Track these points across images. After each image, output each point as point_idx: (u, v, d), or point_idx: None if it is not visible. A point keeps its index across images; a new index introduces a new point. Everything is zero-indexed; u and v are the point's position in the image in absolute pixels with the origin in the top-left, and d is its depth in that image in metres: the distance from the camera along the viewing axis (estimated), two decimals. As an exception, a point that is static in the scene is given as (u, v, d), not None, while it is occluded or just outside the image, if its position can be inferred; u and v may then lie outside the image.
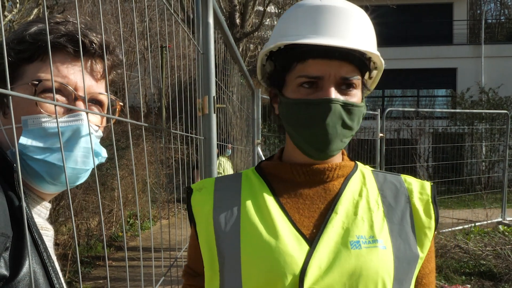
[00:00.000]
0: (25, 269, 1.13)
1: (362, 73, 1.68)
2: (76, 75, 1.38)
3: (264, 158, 2.15)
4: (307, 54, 1.59)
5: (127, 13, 24.94)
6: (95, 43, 1.43)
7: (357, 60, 1.62)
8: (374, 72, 1.79)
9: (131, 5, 22.48)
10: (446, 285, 8.36)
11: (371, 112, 13.39)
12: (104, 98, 1.49)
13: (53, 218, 9.64)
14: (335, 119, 1.58)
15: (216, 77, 3.12)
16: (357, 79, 1.63)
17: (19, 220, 1.19)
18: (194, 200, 1.79)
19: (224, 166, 9.14)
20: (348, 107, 1.60)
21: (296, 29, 1.63)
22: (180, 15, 12.14)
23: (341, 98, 1.59)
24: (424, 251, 1.65)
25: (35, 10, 13.43)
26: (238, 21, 15.77)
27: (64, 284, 1.27)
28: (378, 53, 1.65)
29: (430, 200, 1.69)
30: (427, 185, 1.75)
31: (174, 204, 11.82)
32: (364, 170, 1.81)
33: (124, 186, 12.43)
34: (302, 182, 1.72)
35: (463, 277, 9.00)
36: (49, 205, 1.50)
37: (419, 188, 1.73)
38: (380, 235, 1.58)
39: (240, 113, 8.41)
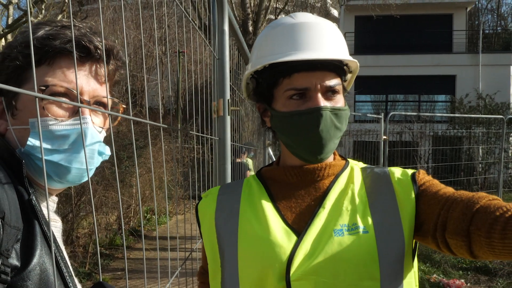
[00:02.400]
0: (35, 259, 1.14)
1: (341, 79, 1.73)
2: (81, 79, 1.39)
3: (274, 158, 2.17)
4: (292, 69, 1.65)
5: (146, 20, 25.03)
6: (99, 49, 1.42)
7: (336, 68, 1.68)
8: (349, 75, 1.84)
9: (150, 13, 22.55)
10: (444, 279, 8.37)
11: (375, 116, 13.46)
12: (109, 101, 1.49)
13: (74, 213, 9.68)
14: (327, 124, 1.63)
15: (230, 81, 3.13)
16: (339, 85, 1.69)
17: (29, 213, 1.20)
18: (200, 205, 1.88)
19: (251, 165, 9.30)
20: (336, 112, 1.66)
21: (278, 47, 1.69)
22: (197, 23, 12.15)
23: (328, 104, 1.65)
24: (409, 231, 1.62)
25: (59, 16, 13.49)
26: (251, 28, 15.80)
27: (72, 272, 1.27)
28: (353, 59, 1.72)
29: (409, 179, 1.69)
30: (409, 170, 1.76)
31: (190, 200, 11.85)
32: (354, 166, 1.84)
33: (142, 183, 12.47)
34: (294, 183, 1.77)
35: (460, 272, 9.05)
36: (56, 199, 1.51)
37: (400, 173, 1.74)
38: (362, 221, 1.61)
39: (253, 116, 8.44)
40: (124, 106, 1.62)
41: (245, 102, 7.24)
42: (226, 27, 2.99)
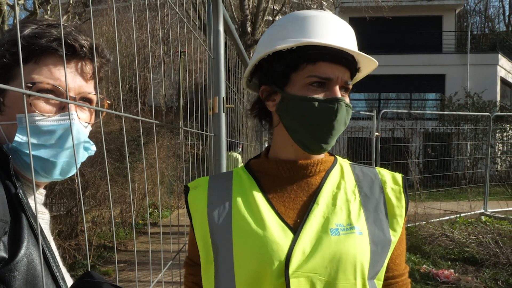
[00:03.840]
0: (22, 251, 1.13)
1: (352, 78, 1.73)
2: (67, 76, 1.37)
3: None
4: (319, 56, 1.61)
5: (149, 20, 24.98)
6: (85, 47, 1.41)
7: (352, 67, 1.68)
8: (359, 75, 1.83)
9: (153, 14, 22.54)
10: (433, 269, 8.39)
11: (368, 113, 13.53)
12: (94, 97, 1.48)
13: (78, 207, 9.67)
14: (341, 117, 1.62)
15: (227, 80, 3.12)
16: (351, 85, 1.69)
17: (16, 206, 1.19)
18: (190, 198, 1.83)
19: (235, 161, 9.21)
20: (348, 108, 1.65)
21: (305, 32, 1.65)
22: (197, 24, 12.15)
23: (344, 99, 1.63)
24: (396, 236, 1.68)
25: (65, 17, 13.45)
26: (249, 29, 15.77)
27: (59, 263, 1.27)
28: (376, 61, 1.72)
29: (402, 190, 1.73)
30: (399, 176, 1.78)
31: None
32: (343, 163, 1.83)
33: (144, 178, 12.46)
34: (287, 177, 1.75)
35: (449, 262, 9.07)
36: (43, 191, 1.49)
37: (391, 180, 1.76)
38: (357, 222, 1.61)
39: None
40: (108, 102, 1.61)
41: (243, 100, 7.22)
42: (221, 28, 2.96)
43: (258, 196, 1.70)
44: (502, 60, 28.40)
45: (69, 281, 1.31)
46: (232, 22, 3.54)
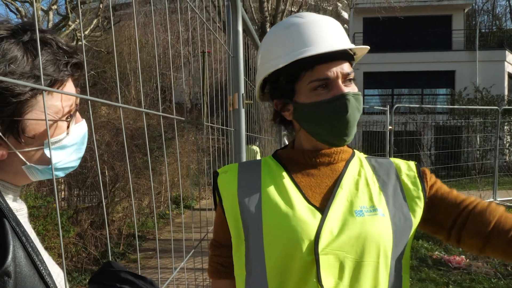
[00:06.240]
0: (10, 256, 1.09)
1: (351, 66, 1.73)
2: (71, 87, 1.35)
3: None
4: (313, 61, 1.64)
5: (174, 23, 25.05)
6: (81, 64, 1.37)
7: (349, 57, 1.69)
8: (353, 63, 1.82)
9: (177, 16, 22.57)
10: (445, 255, 8.34)
11: (381, 108, 13.53)
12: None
13: (109, 199, 9.71)
14: (353, 108, 1.63)
15: (247, 77, 3.11)
16: (353, 72, 1.69)
17: None
18: (220, 181, 1.83)
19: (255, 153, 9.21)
20: (356, 96, 1.66)
21: (297, 44, 1.68)
22: (220, 25, 12.18)
23: (350, 91, 1.64)
24: (417, 217, 1.68)
25: (95, 21, 13.52)
26: (268, 30, 15.79)
27: (43, 260, 1.23)
28: (363, 46, 1.75)
29: (416, 175, 1.75)
30: (412, 164, 1.81)
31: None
32: (360, 156, 1.85)
33: (171, 171, 12.50)
34: (312, 164, 1.76)
35: (460, 249, 8.92)
36: (19, 188, 1.40)
37: (406, 167, 1.79)
38: (379, 205, 1.63)
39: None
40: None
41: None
42: (240, 28, 2.97)
43: (286, 180, 1.72)
44: (510, 56, 28.36)
45: (53, 272, 1.27)
46: (252, 23, 3.53)
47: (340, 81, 1.63)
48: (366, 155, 1.88)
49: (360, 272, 1.55)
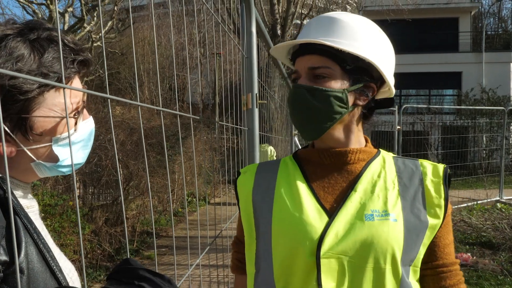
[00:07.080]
0: (22, 252, 1.09)
1: (339, 65, 1.58)
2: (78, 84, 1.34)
3: (300, 147, 2.15)
4: (295, 54, 1.69)
5: (187, 25, 25.07)
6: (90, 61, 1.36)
7: (330, 54, 1.57)
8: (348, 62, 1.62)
9: (190, 19, 22.59)
10: (453, 254, 8.33)
11: (390, 108, 13.50)
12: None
13: (123, 196, 9.72)
14: (299, 100, 1.60)
15: (260, 78, 3.11)
16: (325, 68, 1.58)
17: (8, 210, 1.14)
18: (239, 181, 1.85)
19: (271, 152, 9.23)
20: (313, 91, 1.58)
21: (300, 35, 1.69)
22: (231, 27, 12.19)
23: (308, 84, 1.59)
24: (435, 225, 1.61)
25: (110, 23, 13.54)
26: (279, 32, 15.86)
27: (55, 256, 1.21)
28: (336, 46, 1.55)
29: (441, 182, 1.64)
30: (441, 168, 1.68)
31: (226, 185, 11.89)
32: (386, 156, 1.77)
33: (184, 169, 12.53)
34: (328, 164, 1.71)
35: (467, 246, 9.03)
36: (29, 185, 1.39)
37: (432, 171, 1.67)
38: (393, 210, 1.56)
39: (281, 109, 8.45)
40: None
41: (274, 97, 7.20)
42: (254, 29, 2.98)
43: (300, 181, 1.69)
44: (515, 58, 28.17)
45: (65, 267, 1.26)
46: (263, 25, 3.53)
47: (303, 75, 1.61)
48: (394, 155, 1.80)
49: (363, 277, 1.53)
